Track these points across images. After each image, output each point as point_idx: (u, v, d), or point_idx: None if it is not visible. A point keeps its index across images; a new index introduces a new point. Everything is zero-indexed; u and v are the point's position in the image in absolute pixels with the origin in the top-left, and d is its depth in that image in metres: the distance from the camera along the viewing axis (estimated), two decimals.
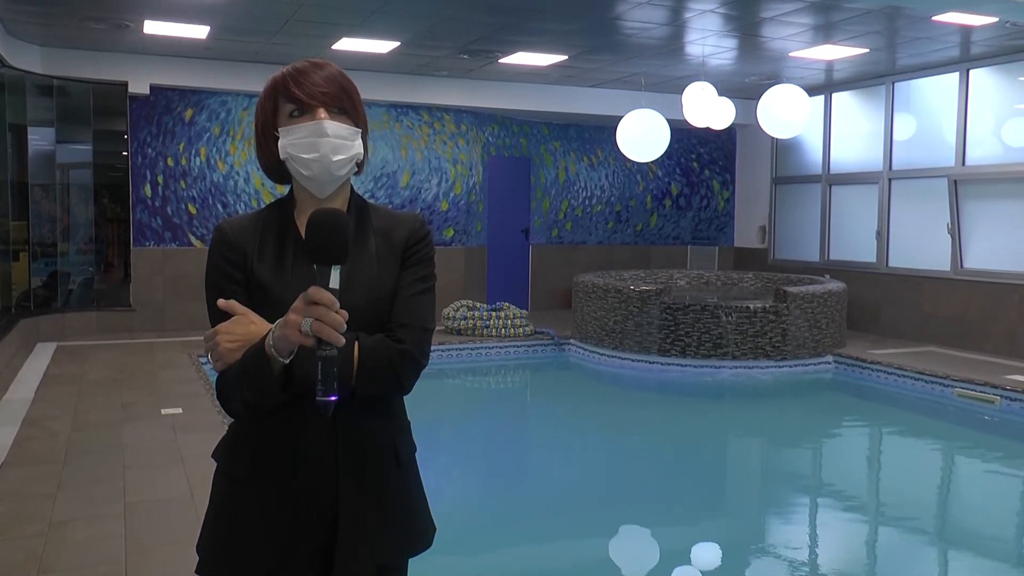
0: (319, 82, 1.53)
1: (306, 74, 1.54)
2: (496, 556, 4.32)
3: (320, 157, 1.52)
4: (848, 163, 10.56)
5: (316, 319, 1.32)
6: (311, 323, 1.32)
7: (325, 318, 1.32)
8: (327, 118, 1.53)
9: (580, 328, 9.17)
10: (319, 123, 1.52)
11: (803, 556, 4.45)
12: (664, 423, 7.28)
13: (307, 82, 1.53)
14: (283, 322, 1.37)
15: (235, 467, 1.58)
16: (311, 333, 1.32)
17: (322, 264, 1.37)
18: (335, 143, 1.53)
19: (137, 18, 7.39)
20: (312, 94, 1.53)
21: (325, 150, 1.52)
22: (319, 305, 1.32)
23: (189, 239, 9.65)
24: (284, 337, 1.36)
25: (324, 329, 1.32)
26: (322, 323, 1.32)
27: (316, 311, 1.32)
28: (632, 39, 8.01)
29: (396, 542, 1.60)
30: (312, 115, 1.53)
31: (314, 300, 1.33)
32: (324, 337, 1.32)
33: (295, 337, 1.34)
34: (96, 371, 7.24)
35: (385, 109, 10.42)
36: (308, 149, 1.53)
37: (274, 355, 1.40)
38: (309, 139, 1.52)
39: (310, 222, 1.38)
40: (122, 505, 4.00)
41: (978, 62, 8.77)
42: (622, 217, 12.40)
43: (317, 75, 1.54)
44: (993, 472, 6.05)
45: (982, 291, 8.72)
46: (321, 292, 1.33)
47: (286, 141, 1.54)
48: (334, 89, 1.54)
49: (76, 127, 9.35)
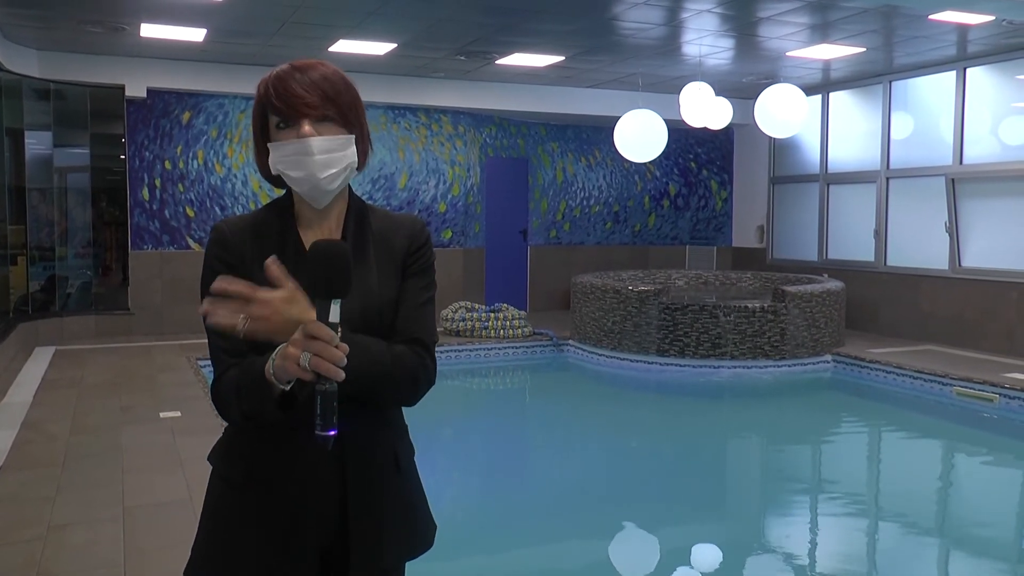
0: (300, 92, 1.46)
1: (287, 83, 1.47)
2: (496, 557, 4.32)
3: (308, 176, 1.47)
4: (846, 162, 10.57)
5: (315, 354, 1.28)
6: (310, 358, 1.28)
7: (323, 353, 1.28)
8: (311, 133, 1.46)
9: (579, 329, 9.16)
10: (303, 143, 1.45)
11: (802, 555, 4.45)
12: (663, 423, 7.28)
13: (288, 93, 1.46)
14: (283, 353, 1.33)
15: (231, 471, 1.56)
16: (309, 368, 1.29)
17: (322, 298, 1.33)
18: (322, 160, 1.47)
19: (134, 21, 7.39)
20: (294, 106, 1.46)
21: (312, 169, 1.46)
22: (318, 340, 1.29)
23: (187, 242, 9.65)
24: (283, 368, 1.33)
25: (323, 364, 1.28)
26: (320, 358, 1.28)
27: (315, 346, 1.28)
28: (629, 39, 8.01)
29: (399, 547, 1.60)
30: (297, 128, 1.47)
31: (313, 335, 1.29)
32: (323, 373, 1.28)
33: (293, 370, 1.31)
34: (95, 375, 7.23)
35: (382, 111, 10.42)
36: (294, 167, 1.48)
37: (274, 382, 1.37)
38: (295, 157, 1.47)
39: (310, 255, 1.34)
40: (121, 509, 3.99)
41: (975, 61, 8.78)
42: (620, 217, 12.40)
43: (299, 83, 1.46)
44: (992, 470, 6.06)
45: (980, 289, 8.72)
46: (320, 327, 1.29)
47: (275, 157, 1.50)
48: (316, 98, 1.46)
49: (73, 131, 9.34)
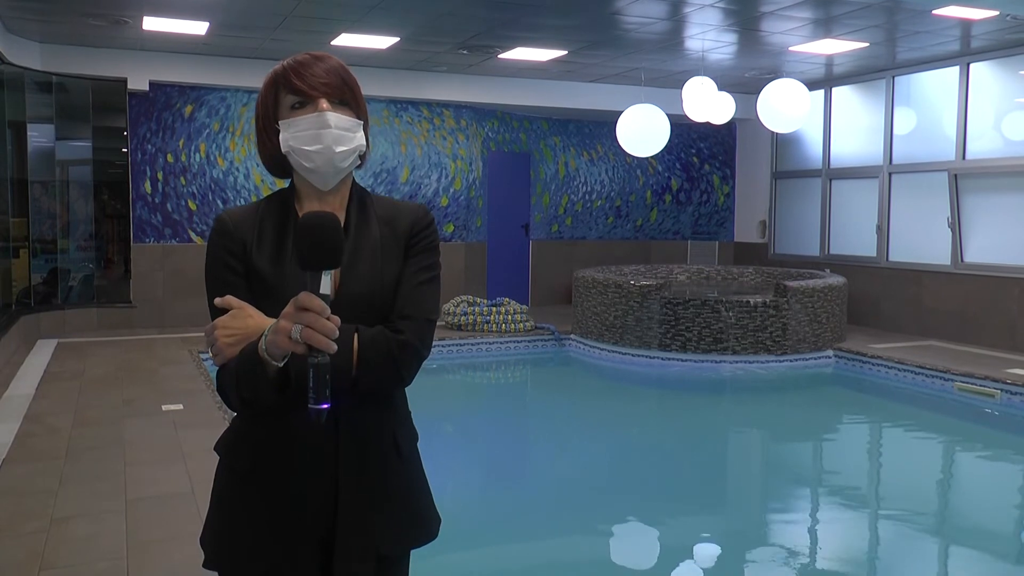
0: (320, 73, 1.52)
1: (307, 66, 1.53)
2: (497, 550, 4.33)
3: (323, 149, 1.50)
4: (848, 157, 10.55)
5: (306, 326, 1.29)
6: (301, 330, 1.29)
7: (315, 325, 1.28)
8: (329, 109, 1.51)
9: (580, 323, 9.17)
10: (322, 115, 1.50)
11: (804, 549, 4.45)
12: (665, 418, 7.29)
13: (308, 73, 1.52)
14: (274, 327, 1.34)
15: (238, 461, 1.58)
16: (301, 340, 1.29)
17: (313, 270, 1.33)
18: (338, 134, 1.51)
19: (136, 14, 7.39)
20: (314, 85, 1.51)
21: (328, 141, 1.50)
22: (309, 311, 1.29)
23: (189, 235, 9.65)
24: (275, 343, 1.34)
25: (314, 336, 1.28)
26: (312, 330, 1.28)
27: (306, 317, 1.29)
28: (632, 34, 8.00)
29: (397, 533, 1.60)
30: (314, 106, 1.51)
31: (304, 306, 1.29)
32: (314, 344, 1.29)
33: (285, 344, 1.31)
34: (97, 367, 7.25)
35: (385, 105, 10.41)
36: (311, 141, 1.51)
37: (267, 359, 1.37)
38: (312, 131, 1.50)
39: (299, 225, 1.35)
40: (123, 501, 4.00)
41: (978, 56, 8.76)
42: (622, 212, 12.40)
43: (318, 67, 1.53)
44: (993, 466, 6.06)
45: (982, 285, 8.72)
46: (311, 298, 1.30)
47: (288, 134, 1.53)
48: (336, 81, 1.53)
49: (76, 124, 9.34)
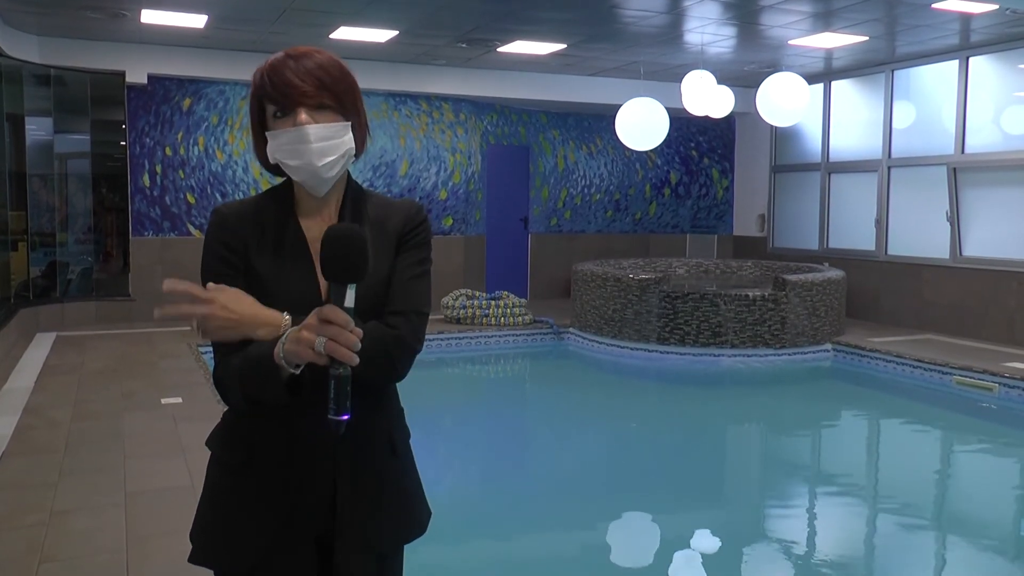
0: (295, 81, 1.45)
1: (281, 72, 1.46)
2: (495, 543, 4.34)
3: (305, 164, 1.47)
4: (847, 151, 10.55)
5: (330, 339, 1.28)
6: (325, 343, 1.28)
7: (339, 338, 1.27)
8: (308, 121, 1.46)
9: (579, 317, 9.17)
10: (300, 130, 1.45)
11: (802, 542, 4.46)
12: (663, 411, 7.30)
13: (282, 81, 1.45)
14: (295, 338, 1.32)
15: (230, 456, 1.57)
16: (324, 353, 1.28)
17: (339, 282, 1.31)
18: (320, 147, 1.46)
19: (134, 7, 7.37)
20: (289, 95, 1.45)
21: (309, 157, 1.46)
22: (334, 324, 1.28)
23: (188, 229, 9.65)
24: (295, 353, 1.32)
25: (339, 350, 1.27)
26: (336, 343, 1.27)
27: (330, 331, 1.28)
28: (631, 27, 7.98)
29: (393, 531, 1.61)
30: (293, 117, 1.46)
31: (329, 319, 1.28)
32: (338, 357, 1.27)
33: (307, 355, 1.30)
34: (96, 361, 7.25)
35: (383, 98, 10.39)
36: (292, 156, 1.47)
37: (284, 366, 1.36)
38: (291, 146, 1.46)
39: (327, 238, 1.32)
40: (123, 495, 4.01)
41: (978, 50, 8.75)
42: (621, 206, 12.39)
43: (294, 71, 1.45)
44: (991, 459, 6.07)
45: (981, 279, 8.72)
46: (336, 311, 1.28)
47: (273, 145, 1.49)
48: (311, 86, 1.46)
49: (74, 117, 9.33)
